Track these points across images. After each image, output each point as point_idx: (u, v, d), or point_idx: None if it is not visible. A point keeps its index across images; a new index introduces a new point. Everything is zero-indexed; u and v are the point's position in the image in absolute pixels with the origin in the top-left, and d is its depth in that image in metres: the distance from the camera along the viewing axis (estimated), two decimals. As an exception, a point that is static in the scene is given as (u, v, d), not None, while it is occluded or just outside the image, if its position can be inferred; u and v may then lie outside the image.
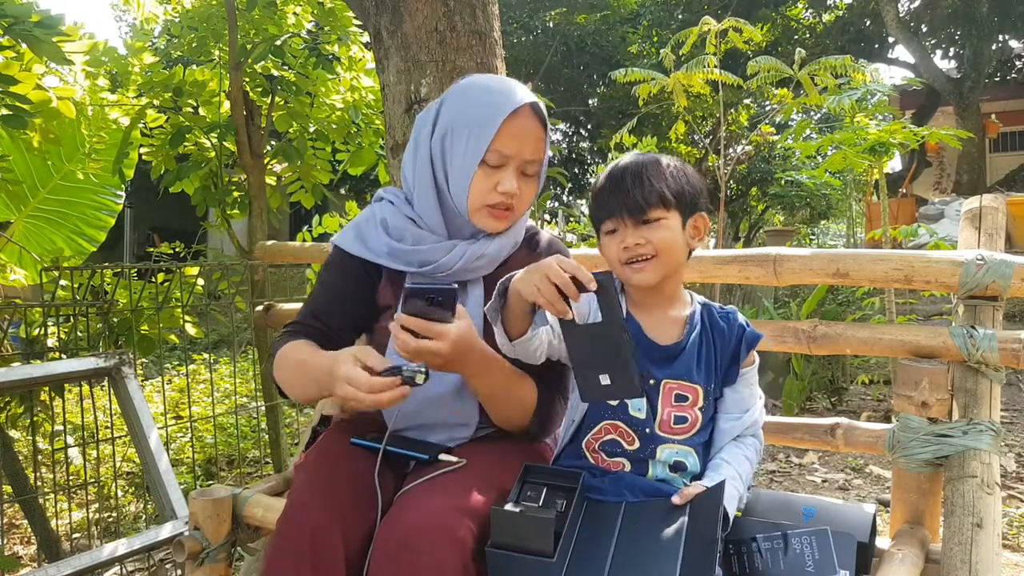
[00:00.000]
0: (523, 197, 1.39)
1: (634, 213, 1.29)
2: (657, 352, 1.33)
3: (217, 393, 4.39)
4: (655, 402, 1.31)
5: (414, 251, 1.41)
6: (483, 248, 1.40)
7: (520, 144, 1.35)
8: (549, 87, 13.23)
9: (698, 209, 1.35)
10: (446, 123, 1.39)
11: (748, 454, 1.35)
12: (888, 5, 11.34)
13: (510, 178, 1.36)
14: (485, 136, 1.34)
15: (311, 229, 3.87)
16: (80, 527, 2.95)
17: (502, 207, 1.38)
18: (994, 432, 1.41)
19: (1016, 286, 1.43)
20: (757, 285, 4.80)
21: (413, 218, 1.43)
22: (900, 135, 4.29)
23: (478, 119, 1.35)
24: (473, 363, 1.29)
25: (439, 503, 1.21)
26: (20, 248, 3.21)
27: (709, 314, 1.38)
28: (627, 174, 1.31)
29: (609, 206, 1.32)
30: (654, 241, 1.29)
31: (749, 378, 1.38)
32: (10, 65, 2.38)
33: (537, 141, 1.37)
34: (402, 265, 1.42)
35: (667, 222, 1.30)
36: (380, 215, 1.45)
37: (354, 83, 3.64)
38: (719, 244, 7.05)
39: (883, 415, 4.23)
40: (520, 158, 1.36)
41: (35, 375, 2.23)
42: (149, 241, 10.35)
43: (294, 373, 1.38)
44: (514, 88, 1.38)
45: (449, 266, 1.40)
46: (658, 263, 1.30)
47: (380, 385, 1.16)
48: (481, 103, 1.37)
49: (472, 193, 1.38)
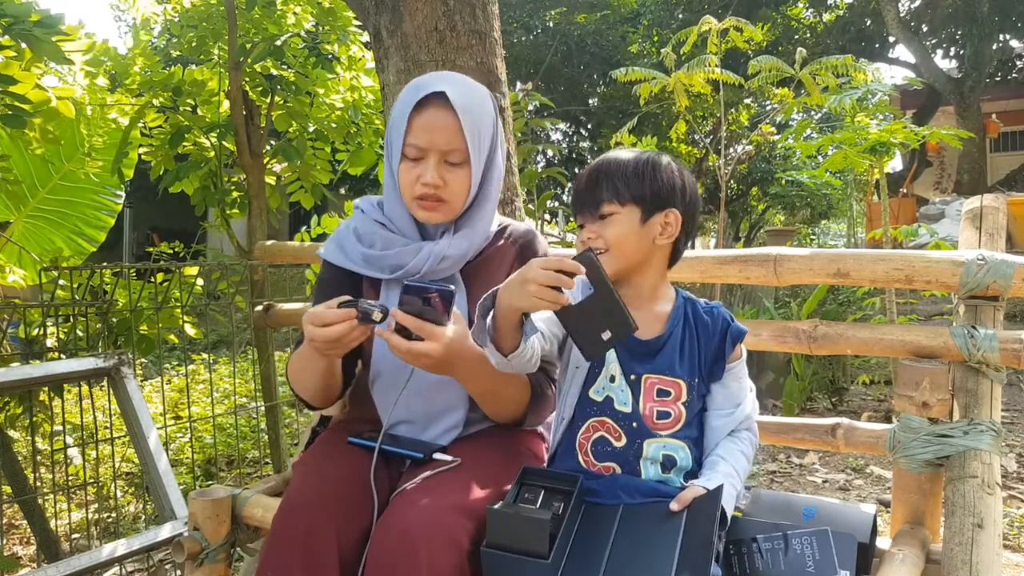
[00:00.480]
0: (451, 188, 1.40)
1: (590, 208, 1.34)
2: (639, 347, 1.34)
3: (216, 393, 4.39)
4: (638, 397, 1.32)
5: (383, 256, 1.43)
6: (445, 250, 1.42)
7: (431, 135, 1.37)
8: (549, 87, 13.22)
9: (669, 205, 1.34)
10: (389, 120, 1.46)
11: (744, 449, 1.35)
12: (889, 5, 11.34)
13: (429, 170, 1.37)
14: (400, 130, 1.39)
15: (310, 229, 3.86)
16: (79, 527, 2.95)
17: (431, 198, 1.39)
18: (995, 432, 1.40)
19: (1017, 286, 1.43)
20: (757, 285, 4.80)
21: (383, 222, 1.47)
22: (901, 135, 4.29)
23: (397, 115, 1.41)
24: (464, 367, 1.29)
25: (435, 503, 1.21)
26: (20, 248, 3.21)
27: (693, 309, 1.38)
28: (589, 172, 1.36)
29: (575, 203, 1.38)
30: (605, 235, 1.32)
31: (737, 372, 1.38)
32: (9, 65, 2.37)
33: (449, 131, 1.37)
34: (375, 271, 1.45)
35: (619, 217, 1.32)
36: (352, 224, 1.51)
37: (354, 83, 3.64)
38: (719, 244, 7.05)
39: (884, 415, 4.23)
40: (436, 149, 1.38)
41: (34, 375, 2.23)
42: (149, 241, 10.35)
43: (296, 367, 1.45)
44: (431, 83, 1.39)
45: (416, 269, 1.41)
46: (611, 257, 1.32)
47: (333, 316, 1.23)
48: (401, 99, 1.41)
49: (401, 186, 1.42)
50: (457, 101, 1.37)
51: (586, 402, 1.34)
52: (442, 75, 1.44)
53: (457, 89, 1.39)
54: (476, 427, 1.48)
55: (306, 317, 1.26)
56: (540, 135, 12.11)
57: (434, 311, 1.21)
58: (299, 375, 1.45)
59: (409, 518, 1.19)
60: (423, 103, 1.37)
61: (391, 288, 1.45)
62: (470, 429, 1.47)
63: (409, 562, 1.14)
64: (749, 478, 3.40)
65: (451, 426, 1.43)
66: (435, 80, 1.40)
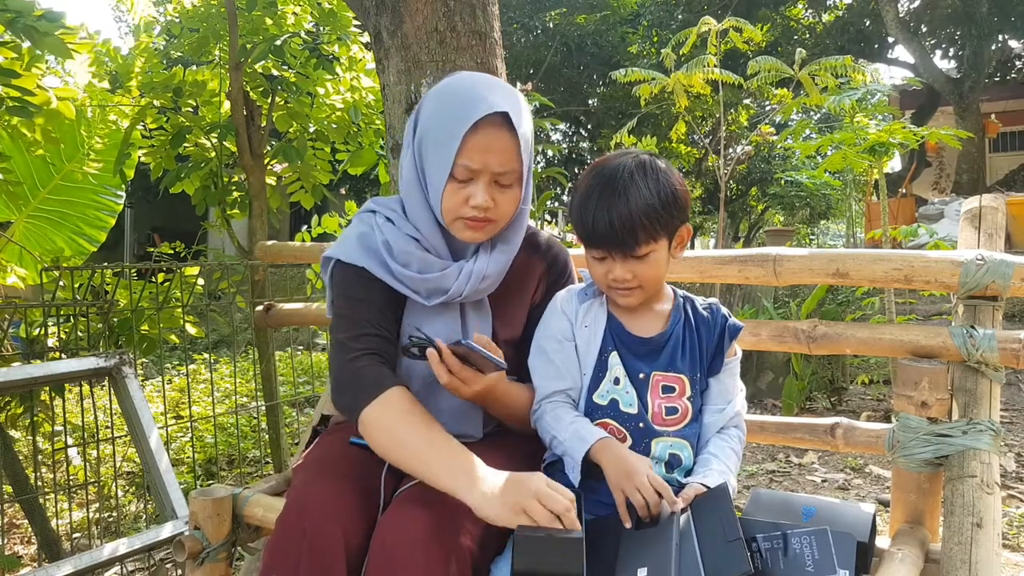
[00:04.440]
0: (500, 208, 1.32)
1: (622, 249, 1.29)
2: (642, 346, 1.36)
3: (217, 393, 4.39)
4: (644, 396, 1.33)
5: (422, 280, 1.35)
6: (485, 268, 1.36)
7: (485, 158, 1.27)
8: (549, 87, 13.22)
9: (683, 223, 1.35)
10: (422, 129, 1.34)
11: (735, 447, 1.37)
12: (888, 5, 11.34)
13: (481, 192, 1.29)
14: (449, 150, 1.27)
15: (311, 229, 3.86)
16: (80, 527, 2.96)
17: (478, 219, 1.32)
18: (994, 432, 1.41)
19: (1016, 286, 1.43)
20: (757, 285, 4.80)
21: (416, 237, 1.37)
22: (900, 135, 4.29)
23: (443, 131, 1.29)
24: (490, 402, 1.37)
25: (437, 509, 1.20)
26: (20, 248, 3.21)
27: (692, 307, 1.41)
28: (615, 214, 1.27)
29: (597, 241, 1.30)
30: (641, 275, 1.31)
31: (732, 368, 1.41)
32: (12, 63, 2.38)
33: (506, 153, 1.28)
34: (410, 292, 1.36)
35: (656, 254, 1.31)
36: (381, 236, 1.37)
37: (354, 83, 3.64)
38: (719, 244, 7.05)
39: (883, 415, 4.23)
40: (489, 171, 1.29)
41: (35, 375, 2.23)
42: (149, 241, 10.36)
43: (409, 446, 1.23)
44: (483, 95, 1.28)
45: (458, 293, 1.35)
46: (643, 291, 1.34)
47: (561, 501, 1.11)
48: (446, 113, 1.30)
49: (445, 206, 1.32)
50: (515, 120, 1.28)
51: (591, 406, 1.35)
52: (487, 84, 1.33)
53: (513, 106, 1.29)
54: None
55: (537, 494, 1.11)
56: (540, 135, 12.11)
57: (481, 362, 1.26)
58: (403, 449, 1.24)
59: (411, 519, 1.19)
60: (481, 123, 1.26)
61: (424, 311, 1.38)
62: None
63: (411, 562, 1.14)
64: (748, 478, 3.41)
65: (463, 434, 1.41)
66: (484, 92, 1.29)
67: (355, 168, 3.75)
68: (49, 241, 3.48)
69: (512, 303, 1.46)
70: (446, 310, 1.39)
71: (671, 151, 11.64)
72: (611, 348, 1.36)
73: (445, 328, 1.37)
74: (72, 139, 3.33)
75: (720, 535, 1.13)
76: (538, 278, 1.49)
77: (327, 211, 4.09)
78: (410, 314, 1.40)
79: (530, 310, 1.49)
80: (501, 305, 1.44)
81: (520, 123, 1.30)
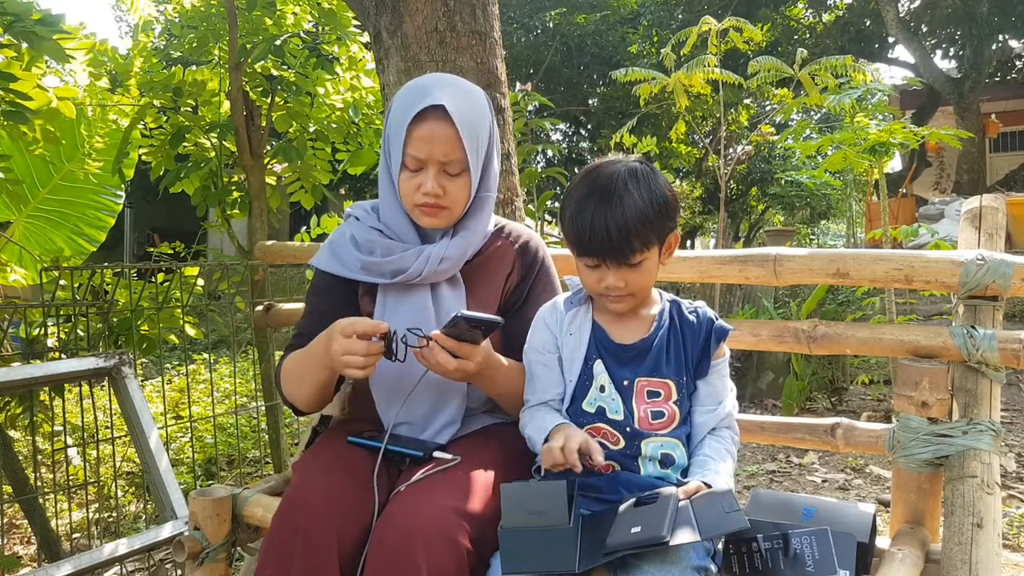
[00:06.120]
0: (451, 195, 1.42)
1: (616, 258, 1.29)
2: (626, 353, 1.37)
3: (217, 393, 4.39)
4: (629, 402, 1.34)
5: (385, 262, 1.44)
6: (444, 251, 1.44)
7: (429, 147, 1.38)
8: (549, 87, 13.21)
9: (672, 230, 1.35)
10: (386, 125, 1.47)
11: (729, 448, 1.37)
12: (888, 5, 11.34)
13: (430, 180, 1.39)
14: (399, 142, 1.40)
15: (310, 229, 3.86)
16: (80, 527, 2.95)
17: (432, 206, 1.42)
18: (994, 432, 1.41)
19: (1016, 286, 1.43)
20: (757, 285, 4.80)
21: (380, 228, 1.48)
22: (900, 135, 4.29)
23: (395, 125, 1.41)
24: (490, 377, 1.40)
25: (433, 503, 1.22)
26: (20, 248, 3.21)
27: (678, 310, 1.41)
28: (612, 223, 1.26)
29: (591, 249, 1.30)
30: (633, 283, 1.32)
31: (721, 370, 1.40)
32: (11, 65, 2.38)
33: (449, 143, 1.38)
34: (375, 278, 1.46)
35: (648, 262, 1.32)
36: (348, 232, 1.50)
37: (354, 83, 3.64)
38: (719, 244, 7.05)
39: (883, 415, 4.23)
40: (435, 160, 1.39)
41: (35, 375, 2.23)
42: (149, 241, 10.35)
43: (294, 374, 1.45)
44: (429, 91, 1.39)
45: (418, 272, 1.43)
46: (634, 298, 1.35)
47: (362, 349, 1.27)
48: (398, 108, 1.42)
49: (402, 194, 1.44)
50: (455, 113, 1.37)
51: (580, 413, 1.37)
52: (438, 81, 1.44)
53: (454, 99, 1.38)
54: (474, 426, 1.50)
55: (340, 351, 1.28)
56: (540, 135, 12.10)
57: (474, 333, 1.29)
58: (296, 381, 1.45)
59: (408, 517, 1.20)
60: (421, 115, 1.37)
61: (388, 293, 1.47)
62: (468, 428, 1.49)
63: (408, 561, 1.15)
64: (749, 478, 3.41)
65: (448, 422, 1.45)
66: (431, 88, 1.40)
67: (355, 168, 3.75)
68: (49, 241, 3.48)
69: (485, 284, 1.52)
70: (415, 291, 1.46)
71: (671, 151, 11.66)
72: (595, 356, 1.37)
73: (413, 309, 1.45)
74: (72, 139, 3.32)
75: (719, 510, 1.14)
76: (512, 262, 1.54)
77: (327, 211, 4.08)
78: (383, 302, 1.47)
79: (508, 294, 1.54)
80: (475, 285, 1.50)
81: (462, 116, 1.38)
